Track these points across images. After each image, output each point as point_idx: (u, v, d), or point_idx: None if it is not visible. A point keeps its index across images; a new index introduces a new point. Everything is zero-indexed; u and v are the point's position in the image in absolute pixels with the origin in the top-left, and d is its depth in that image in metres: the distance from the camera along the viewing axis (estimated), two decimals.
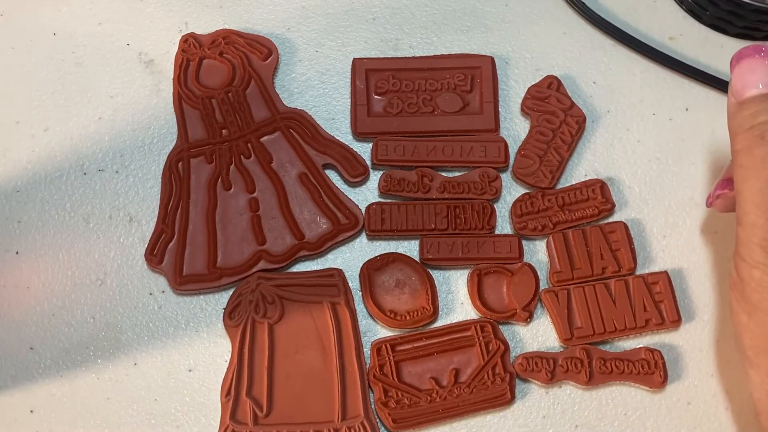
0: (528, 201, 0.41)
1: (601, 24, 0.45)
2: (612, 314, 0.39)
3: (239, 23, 0.44)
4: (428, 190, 0.41)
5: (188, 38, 0.43)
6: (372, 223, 0.40)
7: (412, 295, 0.40)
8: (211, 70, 0.43)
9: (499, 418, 0.39)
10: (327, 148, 0.42)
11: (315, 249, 0.40)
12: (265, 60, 0.43)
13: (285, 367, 0.38)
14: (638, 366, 0.38)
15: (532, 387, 0.39)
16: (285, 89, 0.43)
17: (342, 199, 0.41)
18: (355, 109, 0.42)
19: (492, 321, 0.39)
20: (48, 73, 0.44)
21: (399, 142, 0.42)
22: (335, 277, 0.40)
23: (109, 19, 0.45)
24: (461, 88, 0.43)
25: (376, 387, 0.38)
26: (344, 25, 0.45)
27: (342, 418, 0.37)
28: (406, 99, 0.42)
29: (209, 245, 0.40)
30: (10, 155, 0.42)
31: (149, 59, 0.44)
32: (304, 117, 0.42)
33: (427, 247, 0.40)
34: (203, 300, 0.40)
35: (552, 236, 0.41)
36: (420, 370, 0.38)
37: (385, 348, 0.39)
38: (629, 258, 0.40)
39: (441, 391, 0.38)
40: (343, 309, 0.39)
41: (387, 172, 0.41)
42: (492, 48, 0.44)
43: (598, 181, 0.41)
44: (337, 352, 0.38)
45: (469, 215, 0.41)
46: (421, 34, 0.45)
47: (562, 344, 0.39)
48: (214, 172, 0.41)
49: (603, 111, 0.43)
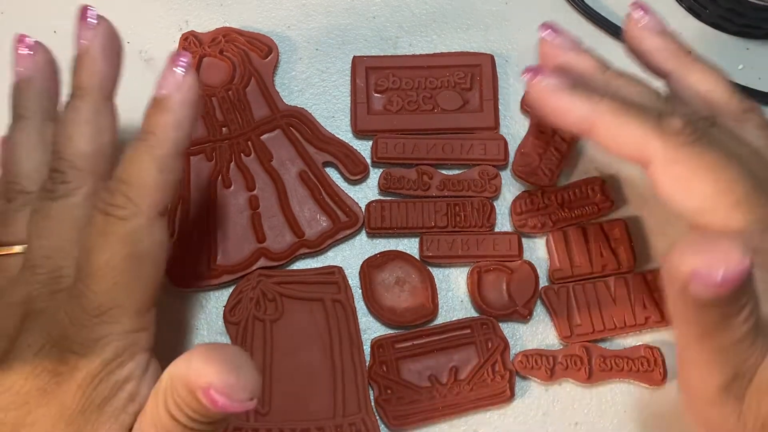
0: (528, 199, 0.41)
1: (601, 22, 0.45)
2: (612, 312, 0.39)
3: (240, 21, 0.44)
4: (428, 187, 0.41)
5: (188, 36, 0.43)
6: (372, 221, 0.40)
7: (412, 293, 0.40)
8: (211, 68, 0.43)
9: (498, 415, 0.39)
10: (327, 146, 0.42)
11: (315, 247, 0.40)
12: (265, 58, 0.43)
13: (285, 364, 0.38)
14: (638, 363, 0.38)
15: (531, 384, 0.39)
16: (285, 87, 0.44)
17: (342, 197, 0.41)
18: (355, 107, 0.42)
19: (492, 318, 0.39)
20: None
21: (399, 139, 0.42)
22: (335, 274, 0.40)
23: (109, 17, 0.44)
24: (461, 86, 0.43)
25: (375, 384, 0.38)
26: (344, 24, 0.45)
27: (342, 416, 0.38)
28: (406, 97, 0.42)
29: (209, 243, 0.40)
30: None
31: (149, 57, 0.44)
32: (304, 115, 0.42)
33: (427, 245, 0.40)
34: (203, 297, 0.40)
35: (552, 234, 0.41)
36: (420, 367, 0.38)
37: (385, 345, 0.39)
38: (629, 256, 0.40)
39: (441, 389, 0.38)
40: (343, 306, 0.39)
41: (387, 170, 0.41)
42: (492, 46, 0.45)
43: (598, 179, 0.41)
44: (337, 349, 0.39)
45: (468, 213, 0.41)
46: (421, 33, 0.45)
47: (561, 342, 0.39)
48: (214, 169, 0.41)
49: None
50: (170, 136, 0.31)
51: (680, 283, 0.25)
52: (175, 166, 0.31)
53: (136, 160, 0.30)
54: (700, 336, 0.27)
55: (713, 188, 0.29)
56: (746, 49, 0.45)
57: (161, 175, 0.30)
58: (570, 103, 0.31)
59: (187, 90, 0.31)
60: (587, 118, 0.31)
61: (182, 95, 0.31)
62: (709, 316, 0.26)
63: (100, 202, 0.30)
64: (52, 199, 0.31)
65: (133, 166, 0.30)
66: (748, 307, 0.25)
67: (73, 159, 0.32)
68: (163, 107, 0.31)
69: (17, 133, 0.34)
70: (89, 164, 0.32)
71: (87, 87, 0.33)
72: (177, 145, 0.31)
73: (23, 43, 0.35)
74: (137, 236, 0.30)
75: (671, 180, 0.30)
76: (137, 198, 0.30)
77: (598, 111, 0.31)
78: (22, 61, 0.35)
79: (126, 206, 0.30)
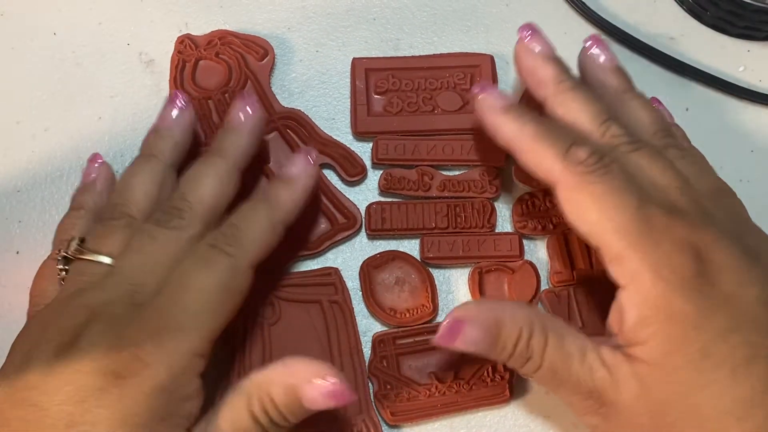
0: (529, 201, 0.41)
1: (602, 24, 0.45)
2: None
3: (239, 23, 0.44)
4: (428, 188, 0.41)
5: (184, 39, 0.43)
6: (372, 223, 0.40)
7: (412, 293, 0.39)
8: (208, 71, 0.43)
9: (499, 417, 0.38)
10: (324, 148, 0.41)
11: (313, 249, 0.40)
12: (262, 60, 0.43)
13: None
14: None
15: (532, 386, 0.39)
16: (285, 89, 0.43)
17: (340, 199, 0.41)
18: (355, 108, 0.42)
19: None
20: (48, 73, 0.44)
21: (399, 141, 0.41)
22: (332, 276, 0.40)
23: (109, 18, 0.45)
24: (461, 86, 0.43)
25: (375, 379, 0.38)
26: (344, 25, 0.45)
27: (343, 417, 0.37)
28: (406, 98, 0.42)
29: None
30: (10, 155, 0.42)
31: (149, 59, 0.44)
32: (302, 117, 0.42)
33: (427, 246, 0.40)
34: None
35: (552, 237, 0.41)
36: (420, 364, 0.38)
37: (386, 341, 0.38)
38: None
39: (440, 386, 0.38)
40: (340, 308, 0.39)
41: (387, 171, 0.41)
42: (492, 48, 0.44)
43: None
44: (336, 351, 0.38)
45: (469, 214, 0.41)
46: (421, 34, 0.45)
47: None
48: None
49: None
50: (288, 209, 0.36)
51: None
52: (282, 233, 0.35)
53: (255, 217, 0.34)
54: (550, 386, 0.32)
55: (597, 216, 0.31)
56: (747, 51, 0.45)
57: (270, 237, 0.35)
58: (502, 123, 0.34)
59: (311, 178, 0.37)
60: (513, 139, 0.34)
61: (307, 182, 0.37)
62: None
63: (211, 239, 0.33)
64: (162, 227, 0.33)
65: (249, 220, 0.34)
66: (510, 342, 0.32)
67: (194, 203, 0.34)
68: (290, 185, 0.36)
69: (143, 166, 0.36)
70: (206, 213, 0.34)
71: (229, 151, 0.36)
72: (290, 216, 0.36)
73: (176, 101, 0.38)
74: (236, 272, 0.33)
75: (568, 205, 0.32)
76: (247, 245, 0.33)
77: (522, 133, 0.34)
78: (169, 116, 0.38)
79: (235, 246, 0.33)
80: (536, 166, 0.33)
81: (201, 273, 0.32)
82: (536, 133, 0.33)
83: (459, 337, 0.31)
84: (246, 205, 0.35)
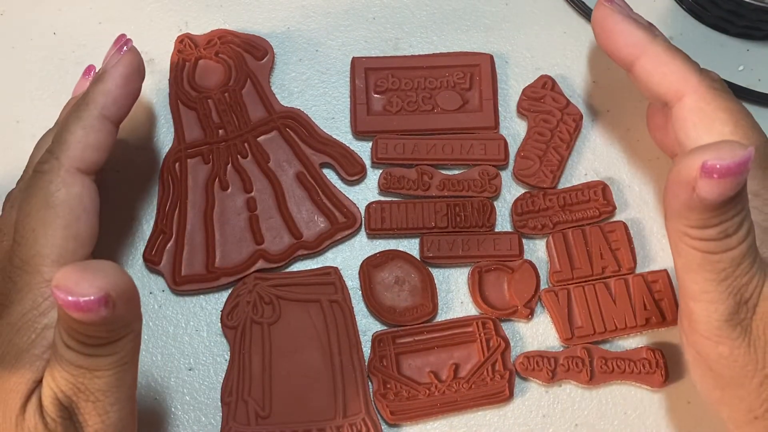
0: (529, 200, 0.41)
1: None
2: (612, 313, 0.39)
3: (239, 23, 0.44)
4: (428, 187, 0.41)
5: (184, 39, 0.43)
6: (372, 222, 0.40)
7: (412, 292, 0.40)
8: (207, 70, 0.43)
9: (499, 416, 0.38)
10: (324, 147, 0.42)
11: (313, 248, 0.40)
12: (261, 60, 0.43)
13: (284, 366, 0.38)
14: (640, 365, 0.38)
15: (532, 385, 0.39)
16: (285, 88, 0.43)
17: (340, 198, 0.41)
18: (355, 108, 0.42)
19: (493, 318, 0.39)
20: (48, 72, 0.44)
21: (399, 140, 0.42)
22: (332, 275, 0.40)
23: (109, 18, 0.45)
24: (460, 86, 0.43)
25: (374, 377, 0.38)
26: (344, 25, 0.45)
27: (343, 416, 0.37)
28: (406, 97, 0.42)
29: (207, 245, 0.40)
30: (10, 155, 0.42)
31: (149, 58, 0.44)
32: (301, 116, 0.42)
33: (427, 246, 0.40)
34: (203, 299, 0.40)
35: (552, 236, 0.41)
36: (420, 363, 0.38)
37: (386, 340, 0.39)
38: (629, 257, 0.40)
39: (440, 386, 0.38)
40: (340, 307, 0.39)
41: (387, 170, 0.41)
42: (492, 47, 0.44)
43: (600, 183, 0.41)
44: (336, 350, 0.38)
45: (469, 213, 0.41)
46: (421, 34, 0.45)
47: (562, 344, 0.39)
48: (212, 172, 0.41)
49: (603, 110, 0.43)
50: (103, 102, 0.34)
51: (688, 186, 0.27)
52: (101, 127, 0.34)
53: (64, 123, 0.34)
54: (701, 260, 0.28)
55: (731, 130, 0.32)
56: (746, 50, 0.45)
57: (94, 134, 0.33)
58: (629, 27, 0.34)
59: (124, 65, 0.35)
60: (639, 46, 0.34)
61: (121, 69, 0.34)
62: (710, 232, 0.28)
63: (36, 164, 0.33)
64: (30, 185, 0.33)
65: (65, 125, 0.33)
66: (745, 226, 0.28)
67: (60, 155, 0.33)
68: (100, 78, 0.35)
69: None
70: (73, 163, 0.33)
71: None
72: (102, 108, 0.34)
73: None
74: (53, 186, 0.32)
75: (697, 116, 0.32)
76: (58, 152, 0.33)
77: (654, 42, 0.34)
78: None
79: (48, 161, 0.33)
80: (664, 73, 0.33)
81: (24, 202, 0.32)
82: (670, 46, 0.34)
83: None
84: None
